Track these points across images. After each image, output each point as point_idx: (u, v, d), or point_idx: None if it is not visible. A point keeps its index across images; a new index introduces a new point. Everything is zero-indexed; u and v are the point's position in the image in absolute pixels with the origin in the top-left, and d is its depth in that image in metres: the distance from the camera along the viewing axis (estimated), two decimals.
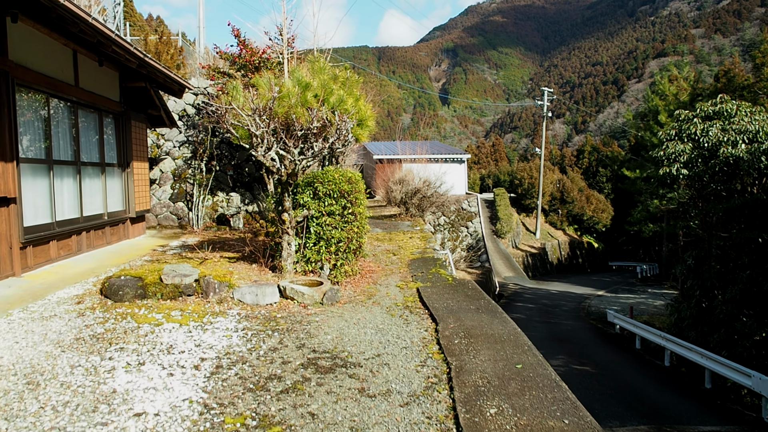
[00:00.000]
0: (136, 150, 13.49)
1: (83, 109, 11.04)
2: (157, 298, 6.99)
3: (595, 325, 24.55)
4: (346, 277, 8.44)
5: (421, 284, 8.18)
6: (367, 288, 8.11)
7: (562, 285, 39.92)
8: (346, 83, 9.08)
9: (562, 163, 69.51)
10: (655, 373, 16.67)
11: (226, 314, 6.52)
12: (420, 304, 7.08)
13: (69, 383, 4.42)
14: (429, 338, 5.63)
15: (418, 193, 18.99)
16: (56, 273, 8.89)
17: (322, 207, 8.15)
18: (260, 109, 7.49)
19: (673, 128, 17.25)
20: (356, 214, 8.43)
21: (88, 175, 11.24)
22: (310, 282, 7.54)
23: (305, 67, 9.77)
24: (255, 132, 7.33)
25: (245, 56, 14.63)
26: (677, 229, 21.56)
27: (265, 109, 7.47)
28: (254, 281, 7.49)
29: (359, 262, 9.28)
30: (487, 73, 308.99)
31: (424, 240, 13.08)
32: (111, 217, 12.23)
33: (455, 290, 7.62)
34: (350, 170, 8.87)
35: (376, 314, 6.65)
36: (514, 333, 5.54)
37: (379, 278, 8.87)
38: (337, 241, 8.18)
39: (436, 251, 11.33)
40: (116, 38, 8.71)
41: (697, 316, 17.61)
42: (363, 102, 9.37)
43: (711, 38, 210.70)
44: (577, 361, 17.58)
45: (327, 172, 8.34)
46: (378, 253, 11.43)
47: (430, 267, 9.51)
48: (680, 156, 16.32)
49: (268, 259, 8.61)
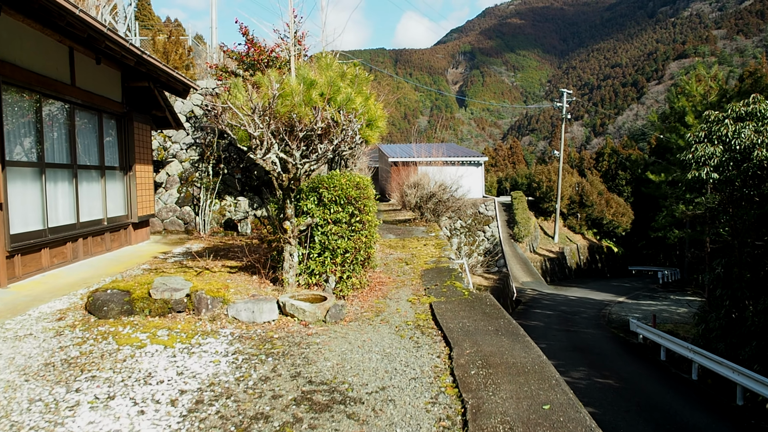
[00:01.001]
0: (139, 152, 12.96)
1: (80, 109, 10.51)
2: (144, 315, 6.40)
3: (617, 334, 23.67)
4: (353, 290, 7.79)
5: (434, 299, 7.51)
6: (375, 303, 7.46)
7: (581, 291, 38.97)
8: (355, 81, 8.44)
9: (581, 166, 68.37)
10: (682, 387, 15.83)
11: (218, 334, 5.89)
12: (433, 323, 6.41)
13: (20, 425, 3.81)
14: (442, 367, 4.96)
15: (433, 198, 18.30)
16: (45, 283, 8.34)
17: (328, 215, 7.52)
18: (260, 108, 6.88)
19: (702, 130, 16.41)
20: (365, 222, 7.78)
21: (85, 178, 10.71)
22: (313, 297, 6.91)
23: (314, 65, 9.17)
24: (253, 133, 6.72)
25: (253, 55, 14.05)
26: (704, 236, 20.62)
27: (265, 108, 6.85)
28: (252, 296, 6.86)
29: (368, 274, 8.63)
30: (505, 76, 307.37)
31: (439, 248, 12.39)
32: (111, 222, 11.70)
33: (472, 306, 6.94)
34: (359, 174, 8.23)
35: (383, 335, 6.00)
36: (539, 362, 4.84)
37: (389, 291, 8.21)
38: (344, 251, 7.53)
39: (452, 260, 10.65)
40: (109, 33, 8.15)
41: (727, 327, 16.74)
42: (373, 101, 8.72)
43: (733, 39, 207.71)
44: (599, 373, 16.78)
45: (333, 177, 7.70)
46: (390, 262, 10.77)
47: (445, 279, 8.83)
48: (710, 159, 15.48)
49: (269, 271, 7.98)
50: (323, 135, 7.23)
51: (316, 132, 7.06)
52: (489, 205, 38.67)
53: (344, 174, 7.97)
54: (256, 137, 6.75)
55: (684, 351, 16.92)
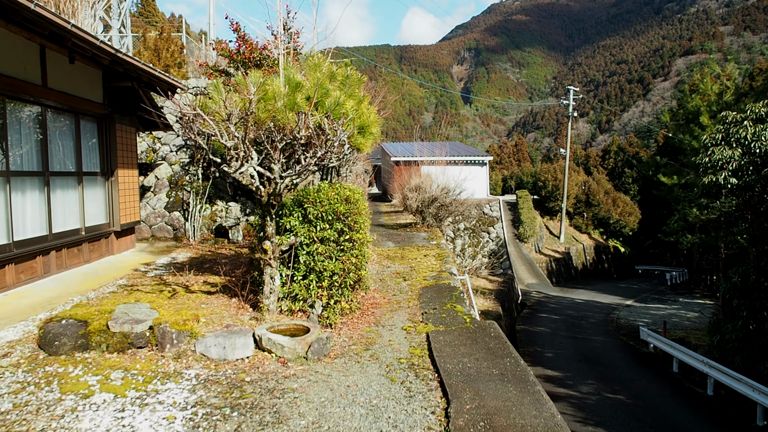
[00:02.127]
0: (122, 156, 12.20)
1: (54, 112, 9.75)
2: (101, 351, 5.63)
3: (627, 342, 22.84)
4: (341, 316, 7.01)
5: (432, 327, 6.72)
6: (366, 332, 6.67)
7: (588, 293, 38.11)
8: (346, 82, 7.63)
9: (587, 164, 67.41)
10: (697, 404, 15.02)
11: (181, 377, 5.12)
12: (429, 362, 5.62)
13: None
14: (436, 430, 4.17)
15: (435, 202, 17.49)
16: (6, 305, 7.58)
17: (314, 233, 6.74)
18: (236, 114, 6.10)
19: (718, 131, 15.56)
20: (355, 240, 6.99)
21: (60, 186, 9.95)
22: (295, 328, 6.13)
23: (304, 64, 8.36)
24: (226, 143, 5.93)
25: (244, 52, 13.26)
26: (719, 241, 19.77)
27: (242, 114, 6.08)
28: (226, 326, 6.09)
29: (360, 296, 7.85)
30: (510, 72, 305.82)
31: (440, 259, 11.60)
32: (90, 231, 10.94)
33: (474, 339, 6.14)
34: (350, 186, 7.43)
35: (371, 378, 5.21)
36: (552, 425, 4.05)
37: (383, 315, 7.42)
38: (331, 273, 6.75)
39: (453, 276, 9.85)
40: (74, 30, 7.37)
41: (744, 339, 15.91)
42: (366, 105, 7.91)
43: (740, 35, 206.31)
44: (609, 387, 15.98)
45: (320, 190, 6.91)
46: (386, 277, 9.99)
47: (445, 300, 8.04)
48: (728, 163, 14.64)
49: (249, 294, 7.21)
50: (309, 144, 6.44)
51: (299, 141, 6.27)
52: (494, 206, 37.83)
53: (333, 186, 7.18)
54: (230, 147, 5.96)
55: (699, 364, 16.10)
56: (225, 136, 5.92)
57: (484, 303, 24.98)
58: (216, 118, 6.32)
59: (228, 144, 5.92)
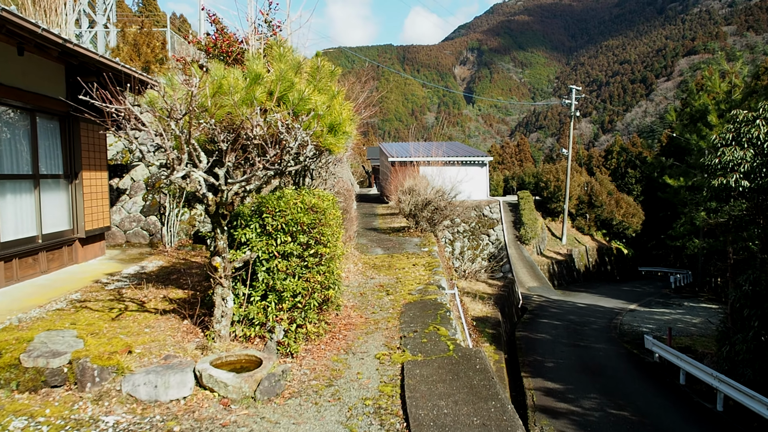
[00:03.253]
0: (89, 157, 11.33)
1: (2, 109, 8.88)
2: (10, 390, 4.74)
3: (630, 350, 21.89)
4: (307, 341, 6.13)
5: (409, 356, 5.83)
6: (333, 361, 5.78)
7: (591, 297, 37.14)
8: (317, 75, 6.74)
9: (590, 164, 66.50)
10: (706, 421, 14.09)
11: (95, 427, 4.23)
12: (399, 404, 4.72)
13: None
14: None
15: (429, 205, 16.56)
16: None
17: (273, 246, 5.85)
18: (179, 109, 5.23)
19: (728, 131, 14.62)
20: (322, 255, 6.10)
21: (9, 190, 9.07)
22: (246, 359, 5.24)
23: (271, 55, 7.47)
24: (162, 144, 5.06)
25: (222, 46, 12.37)
26: (727, 246, 18.86)
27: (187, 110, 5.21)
28: (164, 357, 5.19)
29: (333, 315, 6.96)
30: (513, 72, 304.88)
31: (429, 269, 10.69)
32: (49, 239, 10.06)
33: (455, 374, 5.24)
34: (321, 192, 6.54)
35: (327, 428, 4.32)
36: None
37: (356, 339, 6.53)
38: (294, 294, 5.86)
39: (441, 290, 8.94)
40: (5, 14, 6.49)
41: (756, 351, 14.97)
42: (341, 101, 7.01)
43: (743, 35, 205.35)
44: (613, 403, 15.05)
45: (281, 198, 6.02)
46: (368, 290, 9.09)
47: (428, 320, 7.13)
48: (740, 165, 13.71)
49: (202, 315, 6.32)
50: (268, 144, 5.55)
51: (252, 141, 5.38)
52: (494, 208, 36.92)
53: (300, 192, 6.29)
54: (169, 149, 5.08)
55: (708, 378, 15.17)
56: (165, 135, 5.04)
57: (482, 308, 24.08)
58: (162, 113, 5.48)
59: (167, 144, 5.04)
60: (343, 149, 6.78)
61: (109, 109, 5.47)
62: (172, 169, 5.06)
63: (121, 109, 5.22)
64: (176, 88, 5.90)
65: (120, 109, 5.38)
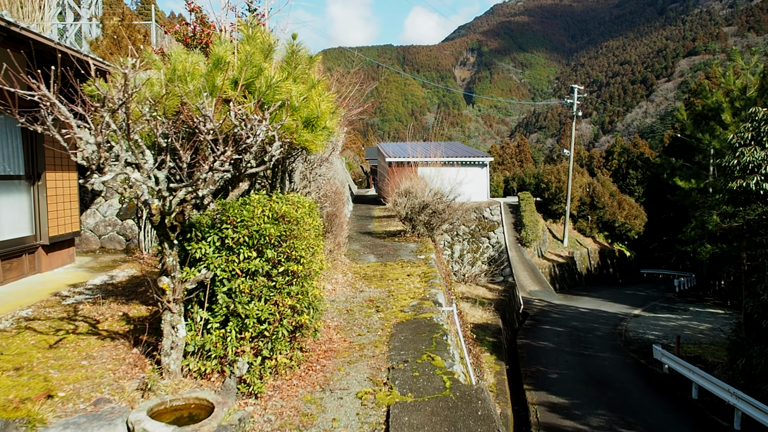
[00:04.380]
0: (54, 156, 10.36)
1: None
2: None
3: (637, 359, 20.92)
4: (275, 376, 5.15)
5: (397, 396, 4.85)
6: (305, 402, 4.81)
7: (593, 301, 36.18)
8: (291, 61, 5.77)
9: (590, 165, 65.53)
10: None
11: None
12: None
13: None
14: None
15: (426, 209, 15.57)
16: None
17: (234, 264, 4.88)
18: (115, 97, 4.28)
19: (747, 130, 13.66)
20: (295, 273, 5.12)
21: None
22: (196, 404, 4.27)
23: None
24: (89, 139, 4.11)
25: (201, 36, 11.43)
26: (741, 252, 17.90)
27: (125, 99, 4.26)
28: (95, 402, 4.22)
29: (309, 341, 5.98)
30: (513, 73, 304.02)
31: (425, 281, 9.72)
32: (6, 246, 9.10)
33: (452, 425, 4.26)
34: (295, 198, 5.56)
35: None
36: None
37: (336, 371, 5.55)
38: (260, 320, 4.89)
39: (438, 307, 7.95)
40: None
41: None
42: (321, 91, 6.03)
43: (744, 36, 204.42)
44: (622, 420, 14.09)
45: (244, 205, 5.05)
46: (355, 306, 8.12)
47: (422, 346, 6.16)
48: (760, 166, 12.76)
49: (147, 347, 5.34)
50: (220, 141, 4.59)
51: (204, 136, 4.42)
52: (494, 209, 35.97)
53: (270, 199, 5.32)
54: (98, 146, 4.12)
55: (725, 395, 14.20)
56: (86, 130, 4.09)
57: (483, 315, 23.18)
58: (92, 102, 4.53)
59: (92, 140, 4.08)
60: (321, 147, 5.80)
61: (31, 96, 4.51)
62: (98, 169, 4.09)
63: (39, 94, 4.24)
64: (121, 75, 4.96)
65: (42, 96, 4.41)
